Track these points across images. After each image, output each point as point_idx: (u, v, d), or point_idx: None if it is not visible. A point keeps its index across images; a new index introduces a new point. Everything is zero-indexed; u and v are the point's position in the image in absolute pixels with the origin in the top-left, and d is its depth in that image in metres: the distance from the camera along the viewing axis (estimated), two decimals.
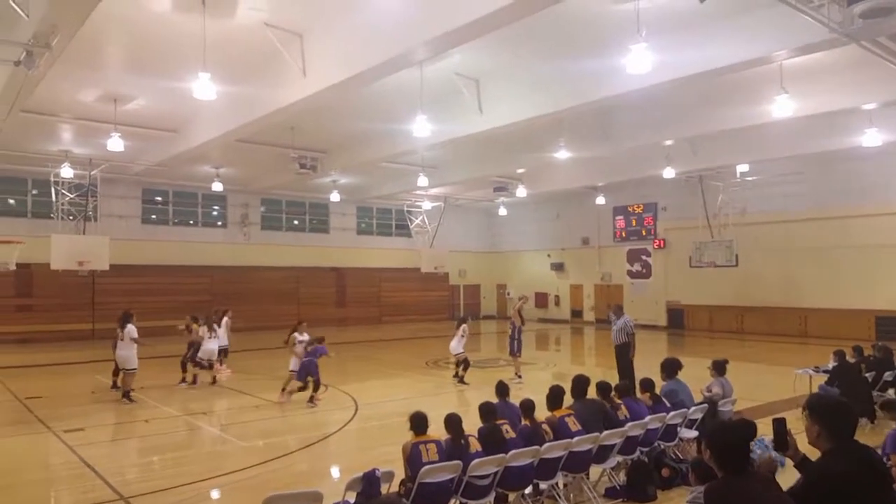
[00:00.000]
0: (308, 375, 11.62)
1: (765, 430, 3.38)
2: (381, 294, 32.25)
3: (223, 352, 15.68)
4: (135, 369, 12.04)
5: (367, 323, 30.63)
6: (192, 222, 27.44)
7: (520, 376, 14.22)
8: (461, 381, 14.05)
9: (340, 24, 10.80)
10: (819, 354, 14.42)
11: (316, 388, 11.70)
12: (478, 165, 22.28)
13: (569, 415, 6.45)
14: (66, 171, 20.19)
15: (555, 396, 6.67)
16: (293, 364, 11.89)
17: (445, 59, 12.09)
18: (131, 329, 12.07)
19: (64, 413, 10.89)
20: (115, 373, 12.78)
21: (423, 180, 21.52)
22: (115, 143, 15.50)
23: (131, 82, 13.71)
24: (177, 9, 10.13)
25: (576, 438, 6.16)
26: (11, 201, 23.33)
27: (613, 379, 9.17)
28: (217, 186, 23.62)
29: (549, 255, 33.96)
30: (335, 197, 26.25)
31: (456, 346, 14.32)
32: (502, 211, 32.27)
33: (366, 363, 17.34)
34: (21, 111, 13.81)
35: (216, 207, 28.01)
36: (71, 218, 21.79)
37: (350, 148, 19.84)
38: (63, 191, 21.40)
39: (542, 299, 34.30)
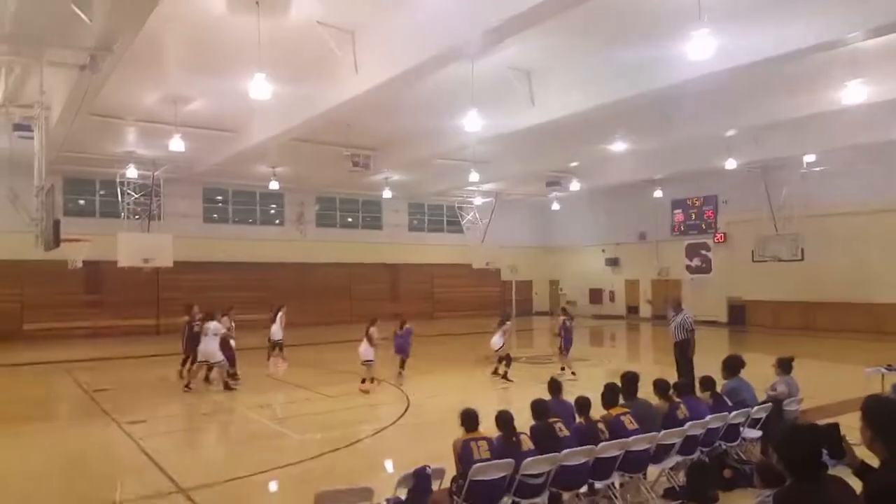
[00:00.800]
0: (402, 352, 14.04)
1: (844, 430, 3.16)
2: (434, 290, 32.36)
3: (279, 345, 16.03)
4: (222, 360, 12.65)
5: (420, 318, 30.57)
6: (250, 220, 28.21)
7: (573, 372, 14.06)
8: (505, 377, 13.93)
9: (392, 20, 10.82)
10: (892, 352, 13.61)
11: (402, 365, 13.98)
12: (530, 160, 22.04)
13: (625, 413, 6.26)
14: (132, 172, 21.12)
15: (610, 394, 6.49)
16: (369, 354, 12.70)
17: (497, 53, 11.94)
18: (217, 325, 12.71)
19: (128, 405, 11.31)
20: (183, 363, 13.54)
21: (474, 176, 21.43)
22: (177, 144, 16.05)
23: (190, 84, 14.14)
24: (232, 10, 10.35)
25: (632, 438, 5.97)
26: (81, 202, 24.50)
27: (672, 377, 8.89)
28: (274, 185, 24.23)
29: (603, 251, 33.32)
30: (387, 194, 26.48)
31: (497, 341, 14.28)
32: (555, 206, 31.85)
33: (418, 359, 17.34)
34: (88, 114, 14.39)
35: (273, 206, 28.70)
36: (136, 217, 22.72)
37: (402, 145, 19.94)
38: (129, 191, 22.32)
39: (596, 295, 33.70)
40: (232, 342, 13.38)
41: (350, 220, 30.96)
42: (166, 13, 9.48)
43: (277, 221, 28.84)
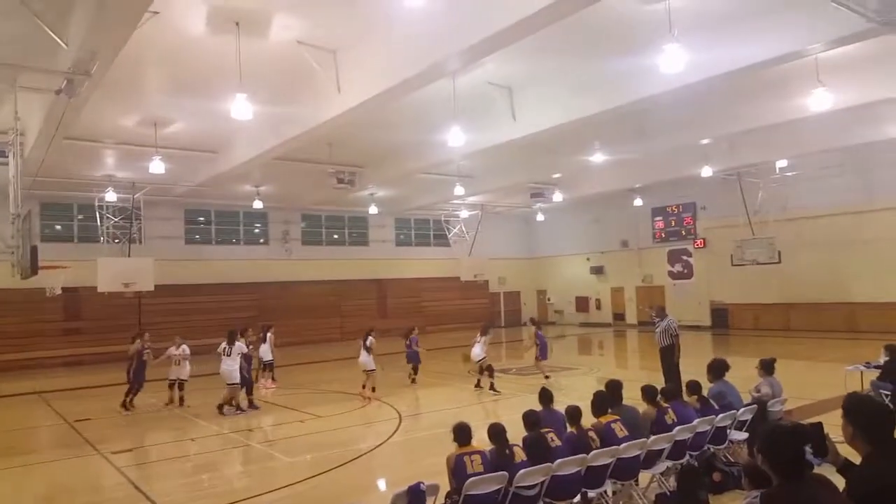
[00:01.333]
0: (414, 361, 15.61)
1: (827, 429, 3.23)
2: (422, 304, 32.30)
3: (269, 366, 15.89)
4: (237, 383, 12.56)
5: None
6: (234, 240, 27.99)
7: (546, 376, 14.55)
8: (492, 388, 13.93)
9: (373, 38, 10.90)
10: (870, 349, 13.85)
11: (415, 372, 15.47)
12: (514, 172, 22.19)
13: (615, 420, 6.30)
14: (111, 196, 20.81)
15: (600, 402, 6.53)
16: (370, 363, 13.73)
17: (478, 69, 12.08)
18: (240, 345, 12.71)
19: (112, 434, 11.15)
20: (171, 387, 13.47)
21: (459, 190, 21.54)
22: (157, 166, 15.94)
23: (170, 105, 14.09)
24: (212, 31, 10.36)
25: (623, 445, 6.01)
26: (58, 227, 24.12)
27: (660, 382, 8.95)
28: (258, 204, 24.07)
29: (588, 259, 33.58)
30: (373, 210, 26.50)
31: (479, 352, 14.34)
32: (540, 217, 32.09)
33: (409, 374, 17.34)
34: (64, 138, 14.21)
35: (258, 225, 28.54)
36: (116, 241, 22.36)
37: (386, 161, 20.00)
38: (108, 215, 21.98)
39: (582, 303, 33.88)
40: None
41: (336, 236, 30.87)
42: (145, 35, 9.45)
43: (262, 241, 28.66)
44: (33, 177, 16.84)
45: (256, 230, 28.57)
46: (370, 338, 13.99)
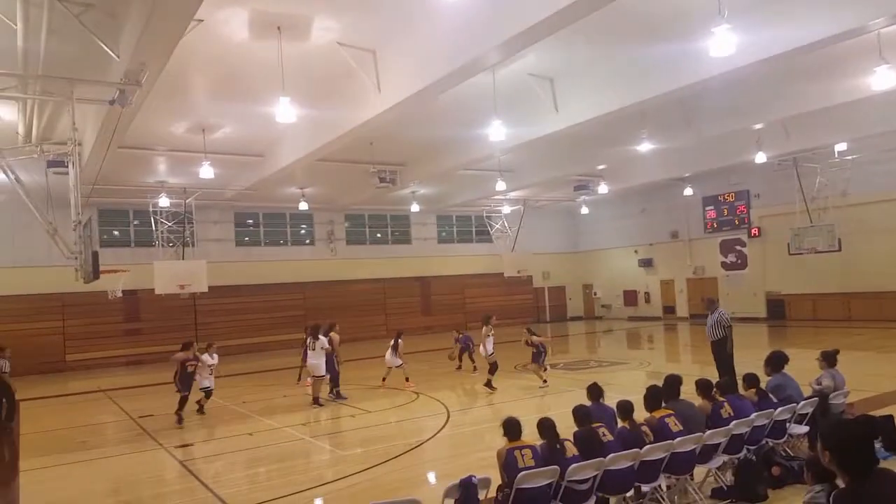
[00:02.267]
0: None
1: None
2: (466, 300, 32.33)
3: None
4: (323, 376, 13.00)
5: (453, 330, 30.71)
6: (281, 242, 28.60)
7: (544, 380, 13.92)
8: (488, 385, 13.71)
9: (411, 36, 10.94)
10: None
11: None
12: (556, 165, 21.94)
13: (669, 415, 6.17)
14: (164, 201, 21.62)
15: (653, 397, 6.40)
16: (395, 362, 14.60)
17: (518, 61, 11.99)
18: (324, 340, 12.99)
19: (173, 430, 11.53)
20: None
21: (500, 185, 21.41)
22: (206, 172, 16.44)
23: (217, 111, 14.47)
24: (254, 36, 10.60)
25: (677, 439, 5.88)
26: (116, 232, 25.11)
27: (713, 376, 8.73)
28: (303, 206, 24.59)
29: (636, 252, 32.94)
30: (415, 208, 26.63)
31: (490, 348, 14.27)
32: (584, 209, 31.63)
33: (454, 370, 17.37)
34: (118, 147, 14.74)
35: (303, 226, 29.08)
36: (170, 245, 23.20)
37: (427, 158, 20.07)
38: (162, 219, 22.85)
39: (630, 297, 33.28)
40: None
41: (379, 235, 31.17)
42: (190, 44, 9.74)
43: (308, 241, 29.19)
44: (91, 185, 17.55)
45: (302, 231, 29.11)
46: (399, 340, 14.91)
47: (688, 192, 27.98)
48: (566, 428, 5.83)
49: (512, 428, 5.41)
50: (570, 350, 22.90)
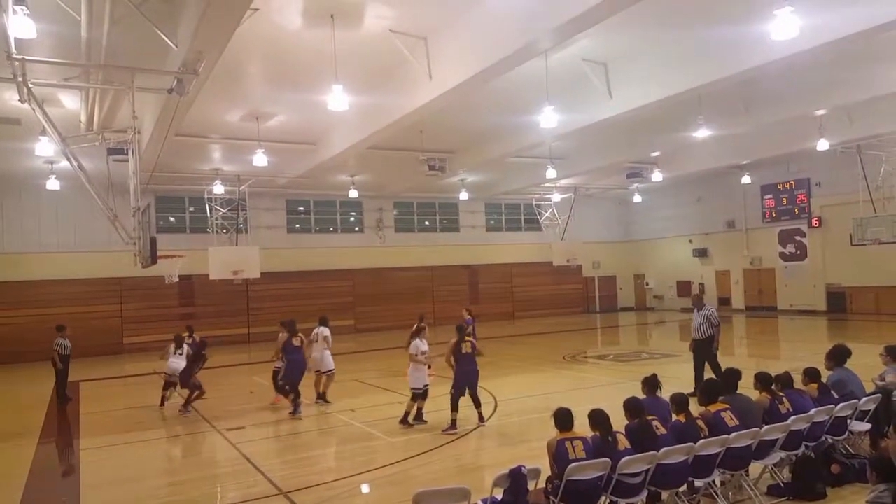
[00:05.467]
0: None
1: None
2: (514, 289, 32.18)
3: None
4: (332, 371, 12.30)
5: (501, 319, 30.70)
6: (331, 229, 29.01)
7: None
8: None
9: (463, 22, 10.84)
10: None
11: None
12: (609, 152, 21.48)
13: (724, 409, 5.97)
14: (218, 188, 22.22)
15: (708, 390, 6.21)
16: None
17: (571, 46, 11.75)
18: (325, 330, 12.32)
19: (227, 412, 11.85)
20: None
21: (551, 172, 21.14)
22: (260, 159, 16.75)
23: (271, 99, 14.70)
24: (308, 25, 10.68)
25: (733, 434, 5.70)
26: (172, 219, 25.88)
27: (771, 368, 8.40)
28: (353, 193, 24.85)
29: (690, 241, 32.05)
30: (464, 196, 26.58)
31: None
32: (637, 198, 30.92)
33: (502, 359, 17.30)
34: (175, 135, 15.13)
35: (353, 213, 29.42)
36: (224, 231, 23.85)
37: (477, 146, 19.96)
38: (216, 206, 23.50)
39: (684, 288, 32.39)
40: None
41: (428, 223, 31.27)
42: (245, 32, 9.87)
43: (357, 229, 29.52)
44: (149, 172, 18.09)
45: (352, 218, 29.46)
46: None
47: (745, 179, 27.02)
48: (616, 421, 5.71)
49: (563, 418, 5.33)
50: (620, 341, 22.55)
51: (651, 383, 6.66)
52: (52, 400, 13.94)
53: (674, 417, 6.01)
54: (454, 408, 9.52)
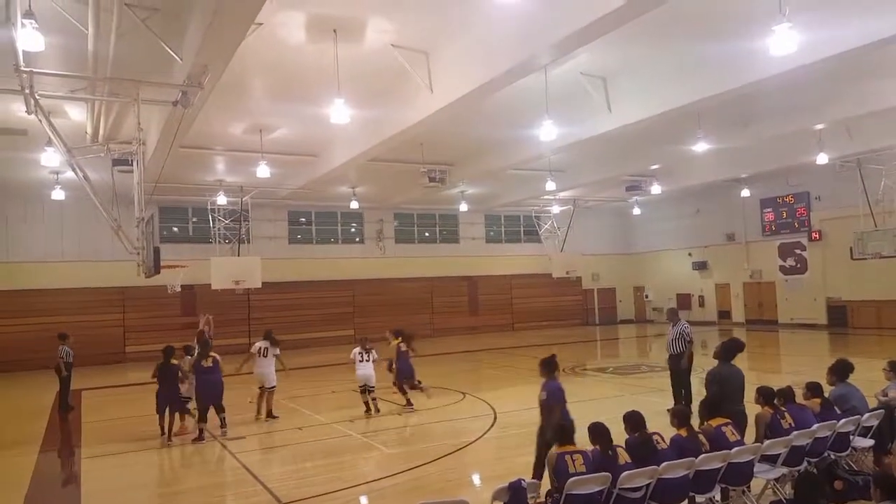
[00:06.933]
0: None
1: None
2: (513, 301, 32.19)
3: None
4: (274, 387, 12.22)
5: (500, 330, 30.71)
6: (332, 240, 29.09)
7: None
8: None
9: (464, 37, 10.96)
10: None
11: None
12: (608, 165, 21.62)
13: (726, 424, 5.99)
14: (221, 199, 22.31)
15: (710, 405, 6.23)
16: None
17: (569, 61, 11.87)
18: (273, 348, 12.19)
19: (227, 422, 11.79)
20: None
21: (550, 185, 21.24)
22: (263, 171, 16.86)
23: (274, 112, 14.80)
24: (310, 40, 10.79)
25: (734, 449, 5.71)
26: (175, 229, 25.95)
27: (773, 382, 8.43)
28: (354, 205, 24.97)
29: (690, 254, 32.13)
30: (463, 207, 26.67)
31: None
32: (636, 210, 31.01)
33: (501, 370, 17.32)
34: (180, 147, 15.27)
35: (354, 224, 29.51)
36: (227, 241, 23.93)
37: (477, 158, 20.06)
38: (219, 217, 23.58)
39: (684, 300, 32.42)
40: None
41: (428, 234, 31.34)
42: (248, 47, 9.99)
43: (358, 240, 29.59)
44: (154, 183, 18.21)
45: (353, 229, 29.54)
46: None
47: (745, 193, 27.12)
48: (616, 434, 5.73)
49: (563, 432, 5.35)
50: (620, 354, 22.54)
51: (548, 364, 7.05)
52: (54, 408, 13.93)
53: (675, 431, 6.03)
54: None
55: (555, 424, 5.48)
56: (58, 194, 19.90)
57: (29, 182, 20.47)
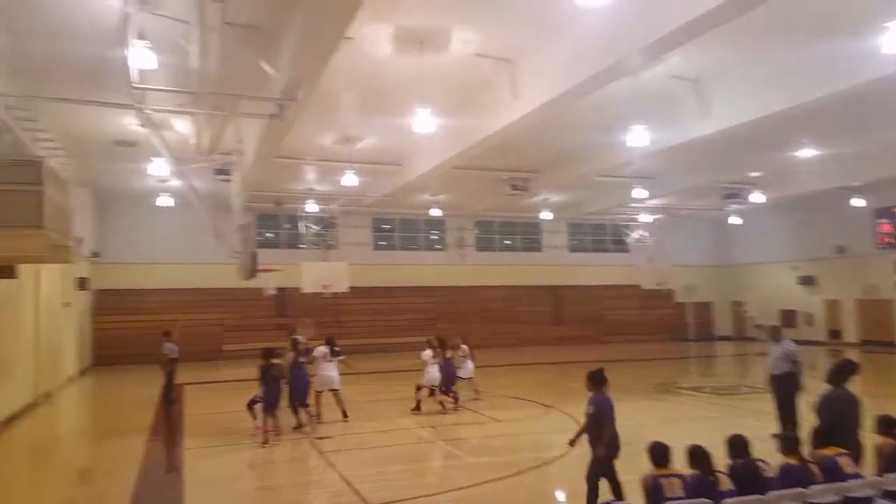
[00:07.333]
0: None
1: None
2: (600, 312, 31.35)
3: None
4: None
5: (586, 342, 29.93)
6: (414, 247, 29.55)
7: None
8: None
9: (550, 43, 10.79)
10: None
11: None
12: (703, 172, 20.61)
13: (842, 454, 5.46)
14: (311, 207, 23.19)
15: (822, 433, 5.71)
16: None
17: (661, 64, 11.41)
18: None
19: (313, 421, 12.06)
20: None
21: (640, 192, 20.53)
22: (350, 179, 17.38)
23: (361, 123, 15.21)
24: (397, 51, 10.99)
25: (852, 482, 5.19)
26: (269, 235, 27.24)
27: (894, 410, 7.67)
28: (436, 212, 25.23)
29: (795, 268, 30.01)
30: (546, 215, 26.30)
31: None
32: (735, 220, 29.44)
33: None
34: (274, 157, 15.98)
35: (435, 232, 29.84)
36: (316, 247, 24.84)
37: (561, 165, 19.71)
38: (309, 224, 24.52)
39: (789, 318, 30.29)
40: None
41: (509, 242, 31.16)
42: (338, 60, 10.24)
43: (440, 247, 29.86)
44: (250, 191, 19.15)
45: (434, 236, 29.85)
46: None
47: (857, 202, 25.06)
48: (717, 459, 5.35)
49: (659, 453, 5.05)
50: (717, 373, 21.41)
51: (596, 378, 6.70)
52: (159, 400, 14.79)
53: (782, 459, 5.57)
54: None
55: (606, 441, 5.20)
56: (164, 201, 21.34)
57: (138, 190, 22.08)
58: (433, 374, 12.67)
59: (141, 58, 9.08)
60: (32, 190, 8.60)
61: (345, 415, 12.13)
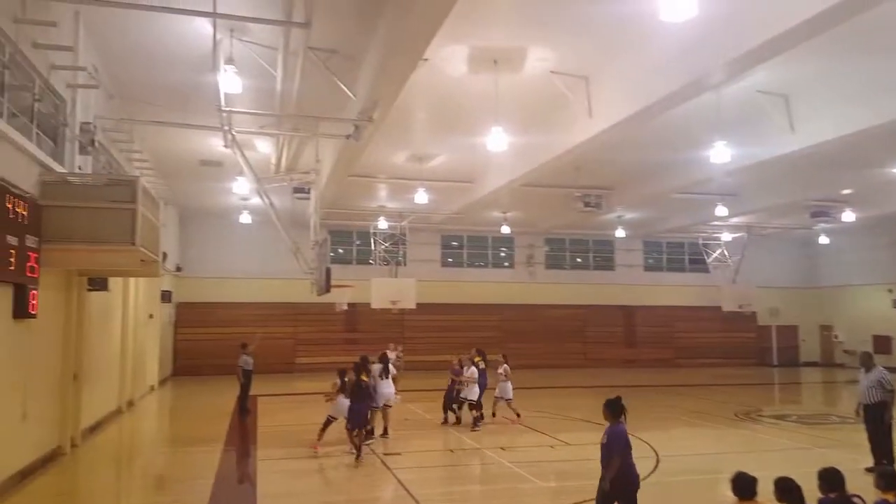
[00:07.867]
0: None
1: None
2: (675, 334, 30.26)
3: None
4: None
5: (660, 365, 28.94)
6: (482, 264, 29.49)
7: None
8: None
9: (627, 60, 10.63)
10: None
11: None
12: (789, 189, 19.63)
13: None
14: (382, 224, 23.65)
15: None
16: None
17: (745, 78, 10.99)
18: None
19: (380, 437, 12.17)
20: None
21: (721, 210, 19.78)
22: (421, 197, 17.59)
23: (434, 142, 15.39)
24: (471, 71, 11.08)
25: None
26: (341, 251, 27.83)
27: None
28: (505, 229, 25.12)
29: (890, 291, 28.03)
30: (620, 233, 25.72)
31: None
32: (823, 239, 27.84)
33: (663, 410, 16.20)
34: (349, 176, 16.39)
35: (504, 249, 29.69)
36: (385, 263, 25.24)
37: (637, 182, 19.28)
38: (379, 240, 24.97)
39: (882, 344, 28.25)
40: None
41: (580, 260, 30.63)
42: (413, 80, 10.43)
43: (507, 264, 29.69)
44: (326, 209, 19.74)
45: (503, 254, 29.71)
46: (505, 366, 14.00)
47: None
48: (807, 493, 5.02)
49: (745, 484, 4.78)
50: (803, 400, 20.22)
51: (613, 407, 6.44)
52: (234, 411, 15.29)
53: (879, 495, 5.17)
54: None
55: (611, 476, 4.94)
56: (244, 218, 22.29)
57: (221, 207, 23.14)
58: (476, 389, 13.13)
59: (228, 82, 9.57)
60: (127, 208, 9.07)
61: (385, 431, 12.23)
